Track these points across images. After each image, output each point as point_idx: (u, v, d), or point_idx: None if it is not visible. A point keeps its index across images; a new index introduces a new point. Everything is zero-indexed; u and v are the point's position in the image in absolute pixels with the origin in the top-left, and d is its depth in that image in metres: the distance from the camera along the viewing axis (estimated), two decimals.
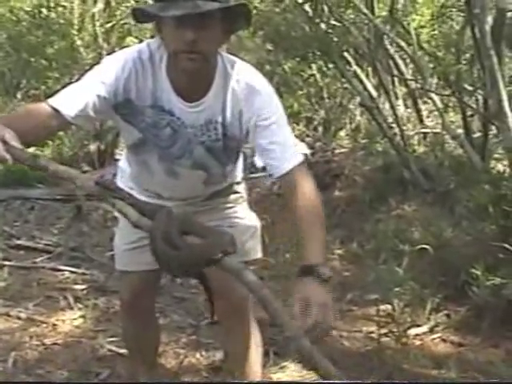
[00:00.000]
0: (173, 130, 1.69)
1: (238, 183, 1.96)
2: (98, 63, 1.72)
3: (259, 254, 1.99)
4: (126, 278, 2.04)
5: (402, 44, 4.22)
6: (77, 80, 1.71)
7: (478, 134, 4.18)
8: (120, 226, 2.05)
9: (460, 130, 4.18)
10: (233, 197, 1.94)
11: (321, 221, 1.56)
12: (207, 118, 1.67)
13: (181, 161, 1.75)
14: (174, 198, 1.86)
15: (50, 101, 1.61)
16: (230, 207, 1.94)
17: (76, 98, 1.61)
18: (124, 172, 1.98)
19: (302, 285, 1.45)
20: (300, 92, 6.92)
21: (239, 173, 1.96)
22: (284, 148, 1.63)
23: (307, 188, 1.59)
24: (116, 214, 1.99)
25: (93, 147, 5.76)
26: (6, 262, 3.73)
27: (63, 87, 1.68)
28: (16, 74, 7.15)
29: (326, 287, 1.45)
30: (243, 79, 1.65)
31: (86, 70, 1.73)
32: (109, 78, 1.63)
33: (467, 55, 4.18)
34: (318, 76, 6.50)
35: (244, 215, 1.95)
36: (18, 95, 7.04)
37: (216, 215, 1.89)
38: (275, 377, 2.36)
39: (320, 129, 6.44)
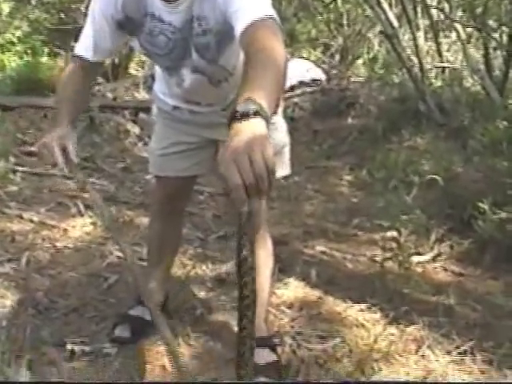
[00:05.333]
0: (167, 38, 1.71)
1: None
2: None
3: (287, 171, 1.95)
4: (159, 182, 2.09)
5: None
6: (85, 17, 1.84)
7: (498, 73, 4.12)
8: (156, 129, 2.07)
9: (481, 66, 4.12)
10: None
11: (278, 72, 1.22)
12: (191, 14, 1.67)
13: (183, 66, 1.76)
14: (200, 103, 1.89)
15: (75, 51, 1.79)
16: None
17: (90, 40, 1.75)
18: (158, 75, 2.00)
19: (234, 123, 1.08)
20: (319, 17, 6.79)
21: None
22: (249, 8, 1.41)
23: (269, 42, 1.29)
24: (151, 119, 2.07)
25: (107, 60, 5.69)
26: (19, 168, 3.78)
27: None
28: None
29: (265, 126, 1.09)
30: None
31: None
32: (102, 5, 1.72)
33: None
34: (339, 2, 6.35)
35: (271, 128, 1.91)
36: (32, 1, 6.90)
37: None
38: (279, 292, 2.43)
39: (337, 56, 6.35)
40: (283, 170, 1.93)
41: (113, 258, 2.73)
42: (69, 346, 2.04)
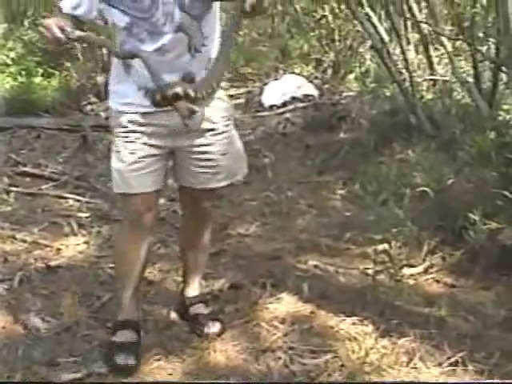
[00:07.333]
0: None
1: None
2: None
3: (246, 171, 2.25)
4: (128, 200, 2.09)
5: None
6: None
7: (487, 85, 4.15)
8: (116, 147, 2.08)
9: (470, 79, 4.15)
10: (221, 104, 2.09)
11: None
12: None
13: (165, 28, 1.90)
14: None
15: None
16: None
17: None
18: (116, 93, 2.05)
19: None
20: (311, 33, 6.84)
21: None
22: None
23: None
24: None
25: (100, 78, 5.72)
26: (12, 188, 3.80)
27: None
28: (22, 1, 7.05)
29: None
30: None
31: None
32: None
33: (483, 1, 4.11)
34: (329, 17, 6.41)
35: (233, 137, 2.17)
36: (26, 23, 6.95)
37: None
38: (271, 307, 2.43)
39: (329, 71, 6.38)
40: (244, 170, 2.23)
41: (106, 277, 2.74)
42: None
